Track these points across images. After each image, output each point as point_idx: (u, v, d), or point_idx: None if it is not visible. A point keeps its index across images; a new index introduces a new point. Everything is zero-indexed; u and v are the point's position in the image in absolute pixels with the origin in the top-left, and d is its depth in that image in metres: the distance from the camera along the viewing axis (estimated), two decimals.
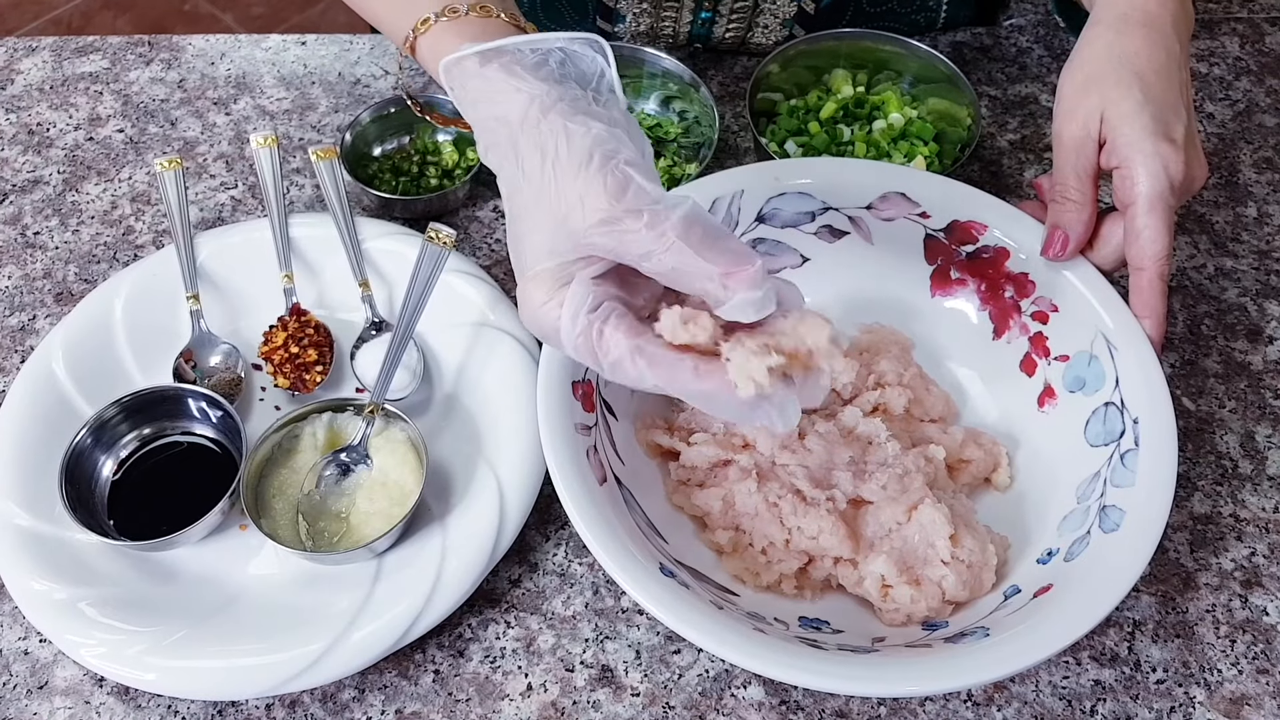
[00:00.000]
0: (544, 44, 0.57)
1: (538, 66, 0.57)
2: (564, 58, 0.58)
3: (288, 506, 0.69)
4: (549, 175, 0.54)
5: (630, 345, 0.53)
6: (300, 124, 0.93)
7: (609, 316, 0.54)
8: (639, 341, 0.53)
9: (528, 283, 0.56)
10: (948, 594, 0.64)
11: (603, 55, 0.58)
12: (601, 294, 0.54)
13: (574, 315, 0.54)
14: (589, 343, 0.54)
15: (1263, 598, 0.70)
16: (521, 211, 0.56)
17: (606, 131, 0.55)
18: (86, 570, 0.67)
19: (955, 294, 0.77)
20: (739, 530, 0.68)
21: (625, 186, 0.53)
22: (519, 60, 0.57)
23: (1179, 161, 0.66)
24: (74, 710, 0.65)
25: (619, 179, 0.53)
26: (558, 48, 0.57)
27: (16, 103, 0.94)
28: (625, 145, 0.55)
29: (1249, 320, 0.83)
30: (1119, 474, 0.65)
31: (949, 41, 1.00)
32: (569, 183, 0.54)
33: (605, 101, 0.57)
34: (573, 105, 0.55)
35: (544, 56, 0.57)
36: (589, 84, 0.58)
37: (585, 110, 0.56)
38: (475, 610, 0.68)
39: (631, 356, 0.53)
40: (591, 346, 0.54)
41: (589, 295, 0.54)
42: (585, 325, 0.54)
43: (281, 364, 0.75)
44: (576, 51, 0.58)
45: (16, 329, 0.81)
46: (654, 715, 0.65)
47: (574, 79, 0.57)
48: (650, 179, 0.54)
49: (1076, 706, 0.66)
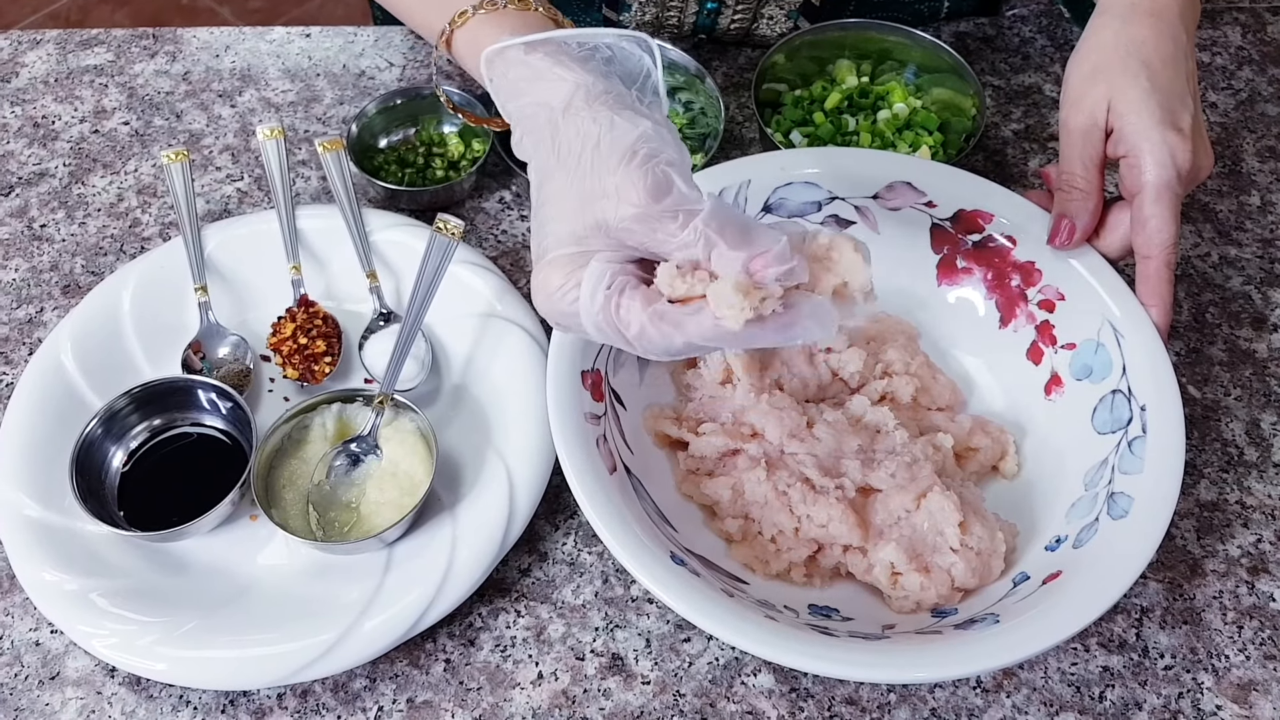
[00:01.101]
0: (592, 39, 0.57)
1: (584, 60, 0.57)
2: (611, 55, 0.57)
3: (298, 497, 0.70)
4: (587, 163, 0.54)
5: (648, 312, 0.53)
6: (306, 116, 0.93)
7: (624, 289, 0.54)
8: (656, 306, 0.53)
9: (544, 268, 0.56)
10: (957, 581, 0.64)
11: (650, 56, 0.57)
12: (618, 270, 0.54)
13: (592, 293, 0.54)
14: (609, 318, 0.54)
15: (1269, 584, 0.70)
16: (550, 198, 0.56)
17: (653, 129, 0.55)
18: (97, 561, 0.67)
19: (962, 283, 0.77)
20: (748, 519, 0.68)
21: (667, 188, 0.53)
22: (566, 50, 0.57)
23: (1186, 150, 0.67)
24: (85, 701, 0.65)
25: (660, 179, 0.53)
26: (605, 44, 0.57)
27: (21, 96, 0.94)
28: (669, 146, 0.55)
29: (1253, 308, 0.83)
30: (1127, 461, 0.65)
31: (952, 31, 1.00)
32: (607, 173, 0.54)
33: (649, 103, 0.57)
34: (619, 99, 0.55)
35: (590, 51, 0.57)
36: (634, 83, 0.58)
37: (632, 106, 0.56)
38: (485, 600, 0.69)
39: (653, 321, 0.53)
40: (613, 322, 0.54)
41: (605, 272, 0.54)
42: (604, 301, 0.54)
43: (290, 355, 0.75)
44: (624, 49, 0.57)
45: (24, 321, 0.81)
46: (664, 703, 0.65)
47: (619, 76, 0.57)
48: (690, 184, 0.54)
49: (1085, 693, 0.66)
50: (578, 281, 0.54)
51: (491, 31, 0.60)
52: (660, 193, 0.53)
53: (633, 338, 0.54)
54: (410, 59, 0.96)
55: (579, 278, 0.54)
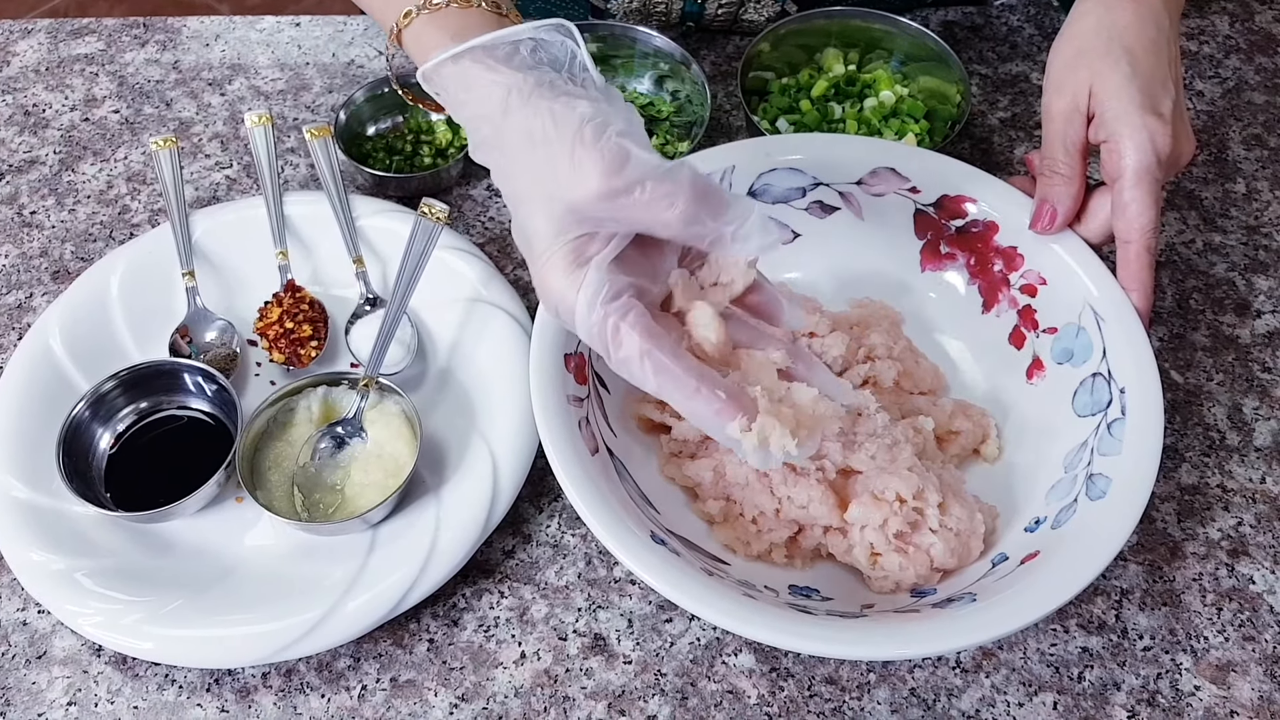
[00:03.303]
0: (513, 36, 0.58)
1: (509, 57, 0.57)
2: (535, 45, 0.58)
3: (283, 479, 0.70)
4: (540, 157, 0.55)
5: (641, 348, 0.55)
6: (295, 104, 0.93)
7: (627, 313, 0.55)
8: (650, 346, 0.55)
9: (543, 268, 0.57)
10: (936, 561, 0.65)
11: (571, 38, 0.58)
12: (619, 283, 0.56)
13: (590, 303, 0.55)
14: (603, 334, 0.55)
15: (1249, 566, 0.71)
16: (519, 199, 0.57)
17: (591, 107, 0.55)
18: (84, 541, 0.67)
19: (945, 268, 0.77)
20: (730, 500, 0.68)
21: (624, 159, 0.54)
22: (491, 54, 0.57)
23: (1166, 135, 0.67)
24: (72, 679, 0.66)
25: (616, 151, 0.54)
26: (527, 38, 0.58)
27: (13, 84, 0.94)
28: (613, 118, 0.56)
29: (1237, 294, 0.83)
30: (1106, 443, 0.65)
31: (940, 20, 1.00)
32: (563, 161, 0.54)
33: (582, 80, 0.58)
34: (551, 88, 0.56)
35: (514, 47, 0.58)
36: (562, 68, 0.58)
37: (565, 91, 0.56)
38: (469, 580, 0.69)
39: (640, 358, 0.55)
40: (605, 339, 0.55)
41: (604, 284, 0.55)
42: (601, 317, 0.55)
43: (276, 339, 0.76)
44: (545, 39, 0.58)
45: (14, 307, 0.81)
46: (646, 683, 0.66)
47: (548, 64, 0.58)
48: (645, 147, 0.55)
49: (1064, 673, 0.66)
50: (578, 282, 0.56)
51: (433, 33, 0.61)
52: (619, 165, 0.54)
53: (616, 359, 0.56)
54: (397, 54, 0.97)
55: (578, 278, 0.56)
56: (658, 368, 0.55)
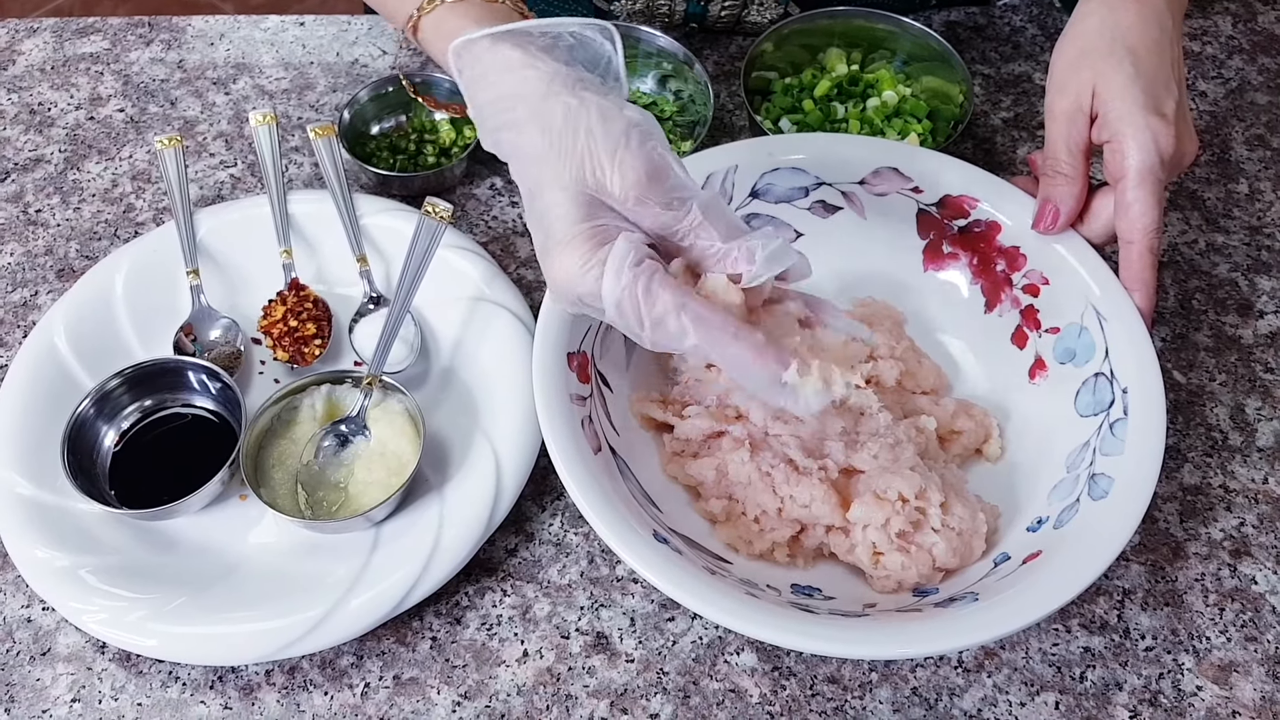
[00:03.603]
0: (555, 28, 0.58)
1: (549, 49, 0.58)
2: (574, 43, 0.59)
3: (287, 476, 0.70)
4: (582, 144, 0.56)
5: (676, 301, 0.55)
6: (299, 103, 0.93)
7: (654, 273, 0.56)
8: (684, 299, 0.55)
9: (561, 250, 0.57)
10: (938, 561, 0.65)
11: (611, 43, 0.59)
12: (643, 251, 0.56)
13: (618, 270, 0.55)
14: (633, 297, 0.55)
15: (1251, 567, 0.71)
16: (545, 183, 0.57)
17: (640, 115, 0.57)
18: (88, 539, 0.67)
19: (947, 268, 0.77)
20: (732, 499, 0.68)
21: (664, 174, 0.56)
22: (532, 41, 0.58)
23: (1169, 136, 0.67)
24: (76, 676, 0.66)
25: (658, 163, 0.56)
26: (568, 33, 0.58)
27: (18, 83, 0.95)
28: (656, 132, 0.58)
29: (1239, 295, 0.83)
30: (1108, 443, 0.65)
31: (943, 20, 1.00)
32: (604, 157, 0.56)
33: (611, 88, 0.59)
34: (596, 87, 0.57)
35: (554, 40, 0.58)
36: (595, 69, 0.59)
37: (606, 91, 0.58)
38: (472, 579, 0.69)
39: (676, 312, 0.55)
40: (636, 301, 0.55)
41: (631, 251, 0.56)
42: (630, 280, 0.55)
43: (280, 337, 0.76)
44: (587, 37, 0.59)
45: (19, 304, 0.81)
46: (648, 681, 0.66)
47: (582, 63, 0.59)
48: (683, 169, 0.57)
49: (1066, 673, 0.66)
50: (600, 260, 0.56)
51: (457, 21, 0.61)
52: (660, 176, 0.56)
53: (651, 320, 0.56)
54: (403, 47, 0.97)
55: (601, 256, 0.56)
56: (696, 318, 0.55)
